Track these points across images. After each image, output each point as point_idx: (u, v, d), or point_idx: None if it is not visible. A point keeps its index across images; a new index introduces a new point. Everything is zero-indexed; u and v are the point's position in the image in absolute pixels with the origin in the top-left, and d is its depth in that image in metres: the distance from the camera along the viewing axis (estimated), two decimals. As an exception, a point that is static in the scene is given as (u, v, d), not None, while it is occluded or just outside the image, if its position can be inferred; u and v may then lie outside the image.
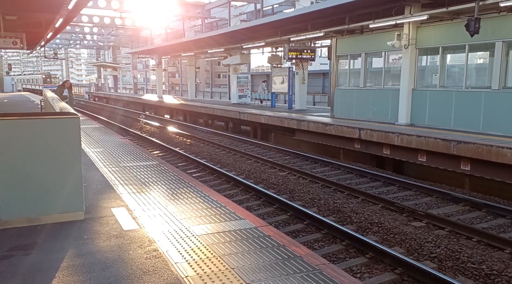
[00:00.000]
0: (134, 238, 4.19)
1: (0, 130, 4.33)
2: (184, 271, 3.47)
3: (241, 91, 24.80)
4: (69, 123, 4.63)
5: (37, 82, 57.74)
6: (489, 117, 11.06)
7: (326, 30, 15.43)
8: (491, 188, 9.57)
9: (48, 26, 15.04)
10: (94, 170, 7.23)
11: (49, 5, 11.14)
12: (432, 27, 12.53)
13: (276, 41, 19.84)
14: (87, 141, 10.59)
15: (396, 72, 14.28)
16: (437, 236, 6.63)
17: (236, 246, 3.99)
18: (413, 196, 9.11)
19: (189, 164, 12.37)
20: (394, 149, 11.64)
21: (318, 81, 31.24)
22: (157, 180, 6.57)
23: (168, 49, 29.83)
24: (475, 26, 10.14)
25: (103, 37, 43.03)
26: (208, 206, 5.25)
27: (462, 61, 12.07)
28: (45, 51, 34.52)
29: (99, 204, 5.29)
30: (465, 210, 8.17)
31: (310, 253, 3.88)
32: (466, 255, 5.88)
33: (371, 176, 10.70)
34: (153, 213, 4.93)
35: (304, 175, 10.80)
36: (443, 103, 12.27)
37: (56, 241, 4.10)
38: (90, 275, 3.39)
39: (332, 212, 7.92)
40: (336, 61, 16.46)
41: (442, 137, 10.25)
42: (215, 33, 22.92)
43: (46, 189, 4.54)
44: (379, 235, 6.72)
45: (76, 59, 74.76)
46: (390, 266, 5.54)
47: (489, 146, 9.15)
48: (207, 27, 36.17)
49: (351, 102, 15.67)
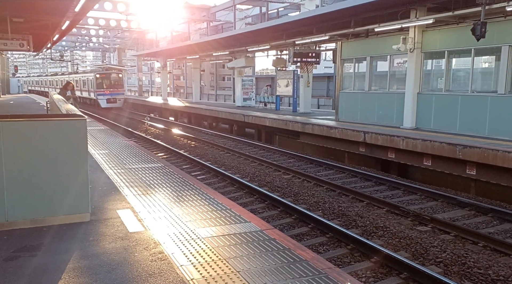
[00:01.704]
0: (140, 240, 4.20)
1: (8, 132, 4.35)
2: (190, 274, 3.47)
3: (245, 94, 24.83)
4: (76, 125, 4.65)
5: (87, 87, 37.59)
6: (495, 121, 11.01)
7: (331, 33, 15.43)
8: (497, 192, 9.50)
9: (55, 28, 15.14)
10: (99, 172, 7.25)
11: (56, 8, 11.20)
12: (437, 31, 12.50)
13: (281, 45, 19.85)
14: (92, 143, 10.63)
15: (401, 76, 14.25)
16: (442, 241, 6.59)
17: (241, 249, 3.99)
18: (418, 200, 9.07)
19: (194, 166, 12.38)
20: (399, 153, 11.60)
21: (322, 84, 31.21)
22: (162, 182, 6.58)
23: (173, 52, 29.91)
24: (481, 30, 10.10)
25: (108, 39, 43.22)
26: (213, 208, 5.26)
27: (468, 65, 12.03)
28: (51, 53, 34.85)
29: (104, 206, 5.30)
30: (470, 214, 8.12)
31: (316, 256, 3.87)
32: (472, 260, 5.85)
33: (376, 179, 10.66)
34: (158, 215, 4.93)
35: (308, 178, 10.78)
36: (449, 107, 12.22)
37: (62, 243, 4.11)
38: (95, 277, 3.40)
39: (337, 216, 7.89)
40: (341, 64, 16.45)
41: (448, 141, 10.21)
42: (220, 36, 22.98)
43: (53, 190, 4.56)
44: (384, 239, 6.68)
45: (82, 61, 75.16)
46: (395, 271, 5.52)
47: (495, 150, 9.10)
48: (212, 30, 36.26)
49: (356, 105, 15.64)
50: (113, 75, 35.60)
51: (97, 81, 34.66)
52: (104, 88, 34.71)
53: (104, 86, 34.72)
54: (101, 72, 36.02)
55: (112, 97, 34.76)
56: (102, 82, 34.78)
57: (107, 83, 34.94)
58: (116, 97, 34.97)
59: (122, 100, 35.61)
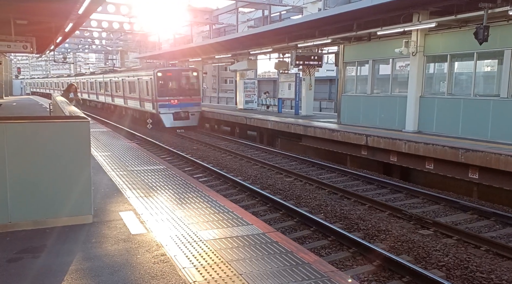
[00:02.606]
0: (142, 242, 4.20)
1: (11, 134, 4.37)
2: (192, 276, 3.47)
3: (247, 96, 24.85)
4: (79, 127, 4.67)
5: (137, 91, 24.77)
6: (498, 125, 10.99)
7: (334, 37, 15.44)
8: (499, 196, 9.48)
9: (58, 30, 15.19)
10: (102, 174, 7.26)
11: (59, 11, 11.24)
12: (440, 35, 12.51)
13: (284, 48, 19.88)
14: (94, 145, 10.65)
15: (403, 79, 14.25)
16: (445, 245, 6.58)
17: (244, 251, 3.98)
18: (421, 203, 9.05)
19: (196, 169, 12.39)
20: (401, 156, 11.59)
21: (324, 87, 31.27)
22: (165, 184, 6.58)
23: (175, 54, 29.98)
24: (484, 34, 10.11)
25: (111, 42, 43.36)
26: (216, 211, 5.26)
27: (470, 69, 12.02)
28: (54, 55, 34.79)
29: (107, 208, 5.31)
30: (473, 218, 8.09)
31: (318, 260, 3.86)
32: (474, 264, 5.83)
33: (378, 183, 10.65)
34: (161, 217, 4.94)
35: (310, 181, 10.77)
36: (451, 111, 12.21)
37: (64, 244, 4.12)
38: (98, 279, 3.40)
39: (339, 219, 7.89)
40: (344, 67, 16.46)
41: (450, 145, 10.20)
42: (223, 38, 23.01)
43: (55, 192, 4.57)
44: (387, 243, 6.67)
45: (85, 63, 75.37)
46: (397, 274, 5.51)
47: (497, 154, 9.08)
48: (214, 33, 36.34)
49: (358, 108, 15.64)
50: (186, 75, 22.88)
51: (159, 84, 21.73)
52: (171, 96, 21.87)
53: (170, 93, 21.92)
54: (165, 69, 23.22)
55: (183, 110, 22.09)
56: (166, 86, 22.01)
57: (176, 87, 22.34)
58: (189, 110, 22.31)
59: (198, 115, 22.75)
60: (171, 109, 21.68)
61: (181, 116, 21.93)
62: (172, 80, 22.27)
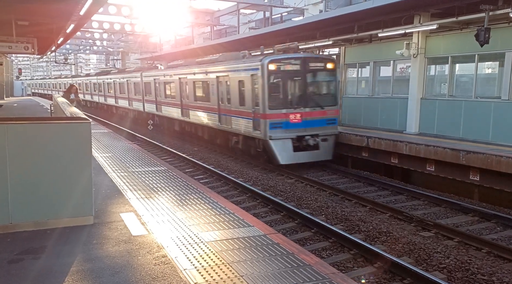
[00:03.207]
0: (143, 243, 4.20)
1: (12, 135, 4.37)
2: (193, 278, 3.46)
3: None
4: (80, 128, 4.67)
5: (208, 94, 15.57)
6: (499, 127, 10.97)
7: (335, 38, 15.44)
8: (500, 198, 9.46)
9: (59, 32, 15.20)
10: (103, 175, 7.26)
11: (61, 12, 11.25)
12: (441, 37, 12.50)
13: (285, 49, 19.86)
14: (95, 146, 10.65)
15: (404, 81, 14.24)
16: (446, 247, 6.56)
17: (245, 253, 3.98)
18: (422, 205, 9.04)
19: (197, 170, 12.38)
20: (402, 158, 11.57)
21: (325, 89, 31.17)
22: (165, 186, 6.58)
23: (177, 56, 30.03)
24: (485, 36, 10.10)
25: (112, 43, 43.40)
26: (217, 212, 5.25)
27: (471, 71, 12.01)
28: (56, 56, 34.76)
29: (108, 209, 5.31)
30: (474, 220, 8.08)
31: (319, 261, 3.86)
32: (476, 266, 5.81)
33: (379, 184, 10.63)
34: (162, 219, 4.93)
35: (311, 182, 10.76)
36: (452, 112, 12.20)
37: (65, 245, 4.12)
38: (99, 280, 3.40)
39: (340, 220, 7.87)
40: (345, 69, 16.47)
41: (451, 147, 10.18)
42: (225, 40, 23.04)
43: (56, 193, 4.57)
44: (388, 245, 6.66)
45: (86, 64, 75.47)
46: (398, 276, 5.49)
47: (498, 156, 9.07)
48: (216, 34, 36.36)
49: (359, 110, 15.63)
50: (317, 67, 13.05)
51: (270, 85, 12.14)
52: (290, 107, 12.25)
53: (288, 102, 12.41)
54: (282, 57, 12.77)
55: (310, 133, 12.33)
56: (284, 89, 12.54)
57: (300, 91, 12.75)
58: (319, 132, 12.49)
59: (332, 142, 12.84)
60: (290, 131, 12.18)
61: (307, 144, 12.30)
62: (292, 77, 12.69)
